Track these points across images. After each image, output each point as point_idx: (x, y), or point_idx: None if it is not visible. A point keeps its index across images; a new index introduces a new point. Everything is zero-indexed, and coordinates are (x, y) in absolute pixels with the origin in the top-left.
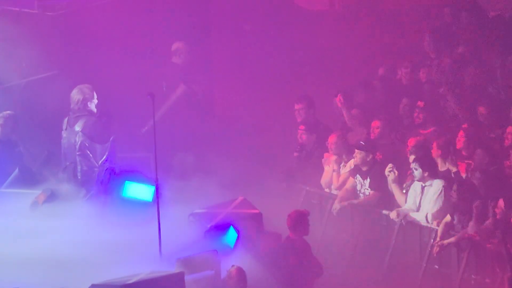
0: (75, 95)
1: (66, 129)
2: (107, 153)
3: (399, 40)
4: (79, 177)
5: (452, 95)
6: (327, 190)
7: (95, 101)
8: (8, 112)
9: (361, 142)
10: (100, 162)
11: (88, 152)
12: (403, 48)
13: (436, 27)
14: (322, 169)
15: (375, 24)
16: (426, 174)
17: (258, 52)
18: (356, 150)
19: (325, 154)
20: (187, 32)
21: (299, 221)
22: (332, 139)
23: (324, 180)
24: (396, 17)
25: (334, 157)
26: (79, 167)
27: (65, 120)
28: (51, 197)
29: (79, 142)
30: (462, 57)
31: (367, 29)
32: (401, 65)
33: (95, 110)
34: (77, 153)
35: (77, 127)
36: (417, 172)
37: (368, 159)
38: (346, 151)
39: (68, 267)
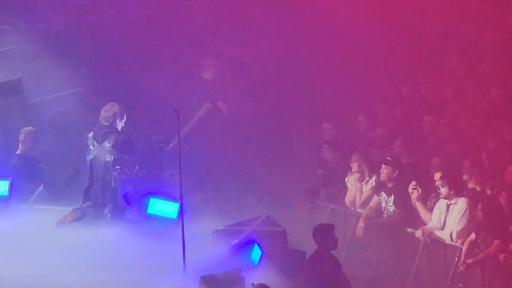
0: (107, 109)
1: (93, 145)
2: (138, 162)
3: (422, 58)
4: (118, 192)
5: (476, 115)
6: (352, 208)
7: (123, 122)
8: (29, 128)
9: (387, 158)
10: (135, 171)
11: (124, 165)
12: (426, 66)
13: (461, 45)
14: (347, 187)
15: (397, 41)
16: (452, 192)
17: (283, 69)
18: (382, 166)
19: (348, 173)
20: (214, 48)
21: (325, 233)
22: (354, 157)
23: (348, 198)
24: (419, 35)
25: (357, 175)
26: (113, 183)
27: (90, 135)
28: (79, 218)
29: (111, 158)
30: (485, 76)
31: (389, 45)
32: (420, 81)
33: (119, 130)
34: (113, 169)
35: (108, 143)
36: (443, 190)
37: (394, 175)
38: (368, 169)
39: (93, 284)
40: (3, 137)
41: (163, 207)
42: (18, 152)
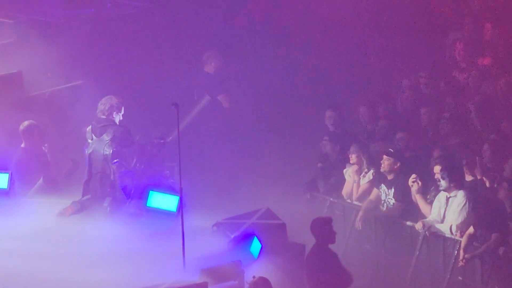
0: (104, 102)
1: (92, 138)
2: (136, 155)
3: (423, 50)
4: (117, 185)
5: (476, 108)
6: (348, 201)
7: (120, 115)
8: (32, 121)
9: (390, 149)
10: (132, 165)
11: (122, 158)
12: (427, 58)
13: (463, 37)
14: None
15: (397, 34)
16: (452, 185)
17: (283, 63)
18: (384, 156)
19: (347, 165)
20: (216, 42)
21: (323, 227)
22: (352, 149)
23: (345, 190)
24: (419, 27)
25: (354, 168)
26: (112, 176)
27: (88, 129)
28: (79, 211)
29: (110, 151)
30: (487, 69)
31: (390, 38)
32: (419, 75)
33: (117, 123)
34: (112, 162)
35: (106, 137)
36: (443, 182)
37: (395, 167)
38: (366, 161)
39: (93, 277)
40: (4, 130)
41: (163, 200)
42: (22, 145)
